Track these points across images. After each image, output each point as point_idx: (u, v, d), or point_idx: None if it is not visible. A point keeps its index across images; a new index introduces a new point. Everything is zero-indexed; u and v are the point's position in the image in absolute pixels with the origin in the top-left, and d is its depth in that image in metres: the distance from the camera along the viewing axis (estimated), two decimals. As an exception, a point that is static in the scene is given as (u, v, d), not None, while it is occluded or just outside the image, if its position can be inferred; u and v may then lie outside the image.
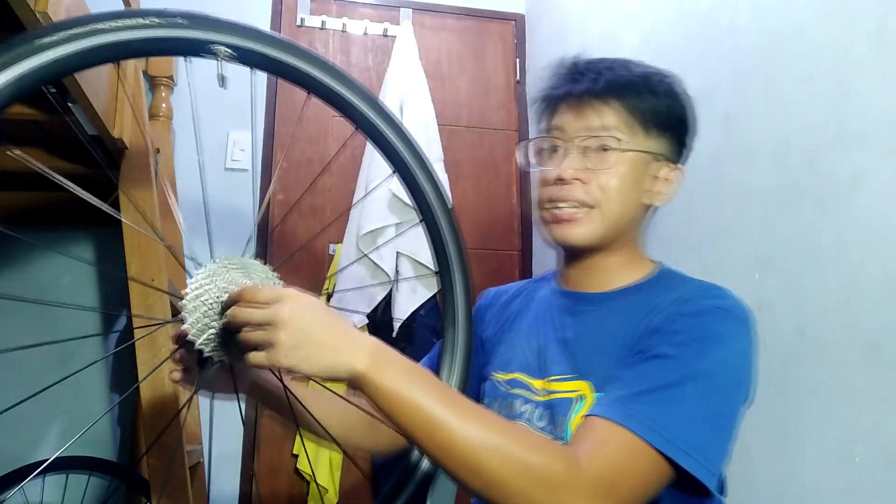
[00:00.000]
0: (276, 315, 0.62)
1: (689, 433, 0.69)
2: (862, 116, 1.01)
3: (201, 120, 2.24)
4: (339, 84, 0.73)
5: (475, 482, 0.64)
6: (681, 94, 0.88)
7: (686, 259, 1.41)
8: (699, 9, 1.46)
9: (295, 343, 0.62)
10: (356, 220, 2.12)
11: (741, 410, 0.77)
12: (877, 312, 0.95)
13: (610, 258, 0.88)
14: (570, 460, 0.65)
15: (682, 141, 0.89)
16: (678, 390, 0.71)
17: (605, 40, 1.91)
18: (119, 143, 1.48)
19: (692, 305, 0.77)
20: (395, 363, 0.65)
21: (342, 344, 0.64)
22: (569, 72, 0.88)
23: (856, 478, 0.96)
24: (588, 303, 0.88)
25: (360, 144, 2.33)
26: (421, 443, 0.64)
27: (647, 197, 0.86)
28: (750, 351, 0.77)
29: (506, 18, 2.63)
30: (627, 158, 0.84)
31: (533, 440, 0.66)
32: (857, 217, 1.00)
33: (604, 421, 0.70)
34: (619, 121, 0.83)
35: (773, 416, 1.12)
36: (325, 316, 0.65)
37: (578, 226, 0.84)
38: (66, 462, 1.91)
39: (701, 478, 0.68)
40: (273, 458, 2.10)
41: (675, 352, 0.73)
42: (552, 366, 0.86)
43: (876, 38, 0.99)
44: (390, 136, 0.76)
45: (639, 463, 0.68)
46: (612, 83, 0.83)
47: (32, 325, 2.02)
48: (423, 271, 2.13)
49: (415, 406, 0.63)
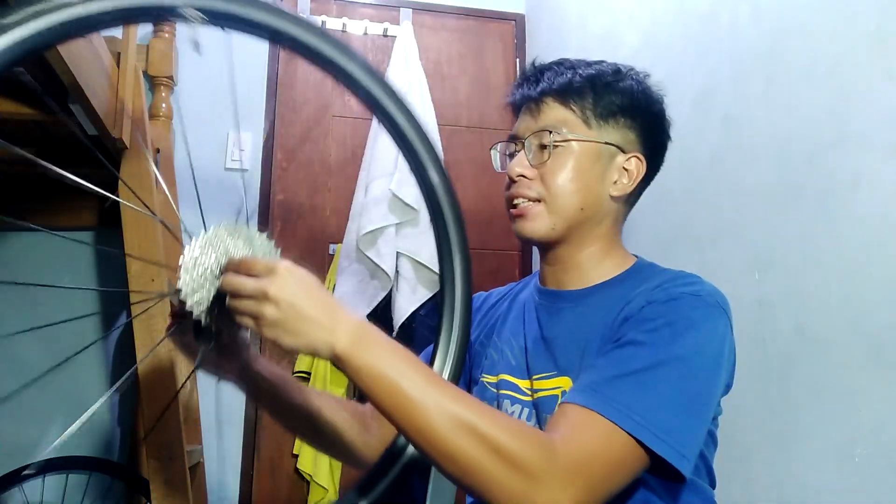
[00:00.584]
0: (265, 288, 0.64)
1: (661, 417, 0.69)
2: (862, 116, 1.01)
3: (201, 120, 2.24)
4: (307, 33, 0.71)
5: (450, 466, 0.64)
6: (634, 87, 0.90)
7: (686, 259, 1.41)
8: (699, 9, 1.46)
9: (280, 318, 0.63)
10: (356, 220, 2.12)
11: (716, 395, 0.77)
12: (877, 312, 0.96)
13: (582, 253, 0.90)
14: (545, 446, 0.65)
15: (647, 131, 0.91)
16: (650, 374, 0.71)
17: (605, 40, 1.91)
18: (119, 143, 1.48)
19: (663, 293, 0.78)
20: (376, 343, 0.66)
21: (325, 322, 0.65)
22: (520, 79, 0.94)
23: (856, 478, 0.96)
24: (566, 300, 0.90)
25: (360, 144, 2.33)
26: (398, 423, 0.65)
27: (613, 189, 0.89)
28: (724, 336, 0.78)
29: (506, 18, 2.63)
30: (570, 152, 0.87)
31: (510, 425, 0.66)
32: (857, 217, 1.00)
33: (577, 407, 0.70)
34: (556, 119, 0.88)
35: (773, 416, 1.12)
36: (313, 292, 0.66)
37: (528, 220, 0.88)
38: (66, 462, 1.91)
39: (672, 461, 0.69)
40: (273, 458, 2.10)
41: (646, 338, 0.74)
42: (535, 365, 0.88)
43: (876, 37, 0.99)
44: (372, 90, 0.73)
45: (612, 448, 0.68)
46: (549, 85, 0.89)
47: (32, 324, 2.02)
48: (423, 271, 2.13)
49: (393, 386, 0.64)
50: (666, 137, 0.94)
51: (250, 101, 2.32)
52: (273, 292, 0.63)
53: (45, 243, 2.08)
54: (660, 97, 0.92)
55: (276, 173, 2.30)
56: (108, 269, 2.09)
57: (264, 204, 2.26)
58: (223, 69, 2.28)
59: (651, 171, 0.92)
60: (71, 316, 2.05)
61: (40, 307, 2.04)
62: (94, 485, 1.93)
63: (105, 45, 1.37)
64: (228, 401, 2.09)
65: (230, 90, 2.28)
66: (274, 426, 2.11)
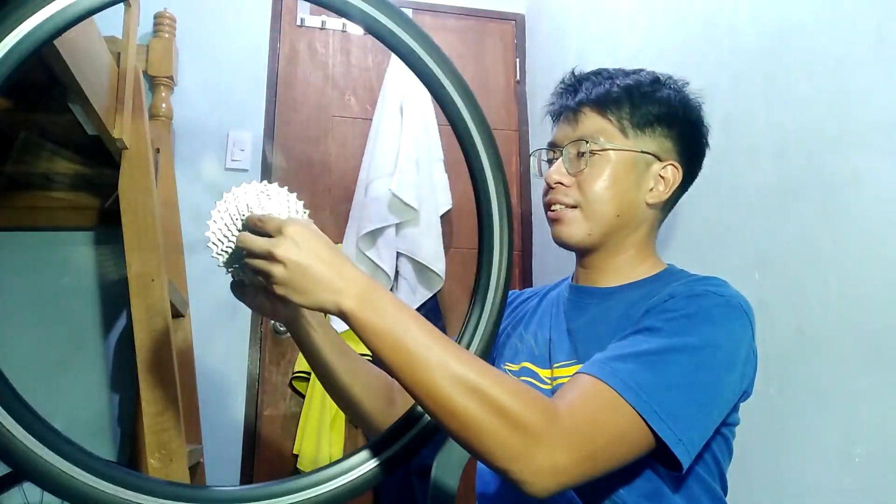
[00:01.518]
0: (274, 247, 0.66)
1: (666, 399, 0.70)
2: (862, 116, 1.01)
3: (201, 120, 2.24)
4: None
5: (452, 423, 0.64)
6: (672, 96, 0.93)
7: (686, 259, 1.41)
8: (699, 9, 1.46)
9: (288, 277, 0.66)
10: (356, 220, 2.12)
11: (727, 394, 0.77)
12: (877, 312, 0.95)
13: (618, 257, 0.93)
14: (549, 409, 0.66)
15: (684, 139, 0.93)
16: (661, 358, 0.72)
17: (605, 40, 1.91)
18: (119, 143, 1.48)
19: (686, 288, 0.80)
20: (382, 301, 0.67)
21: (333, 281, 0.66)
22: (560, 88, 0.98)
23: (856, 478, 0.96)
24: (594, 296, 0.93)
25: (360, 144, 2.33)
26: (402, 379, 0.66)
27: (649, 196, 0.91)
28: (742, 338, 0.78)
29: (506, 18, 2.63)
30: (607, 160, 0.90)
31: (514, 386, 0.66)
32: (857, 217, 1.00)
33: (587, 377, 0.72)
34: (594, 128, 0.91)
35: (773, 416, 1.12)
36: (322, 252, 0.67)
37: (565, 225, 0.92)
38: (66, 462, 1.90)
39: (670, 444, 0.69)
40: (273, 458, 2.10)
41: (663, 325, 0.76)
42: (557, 354, 0.91)
43: (876, 37, 0.99)
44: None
45: (616, 419, 0.69)
46: (587, 95, 0.92)
47: (33, 324, 2.02)
48: (423, 271, 2.13)
49: (398, 342, 0.65)
50: (703, 145, 0.97)
51: (250, 101, 2.32)
52: (280, 253, 0.66)
53: (45, 243, 2.08)
54: (698, 105, 0.95)
55: (276, 173, 2.30)
56: (108, 266, 2.09)
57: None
58: (223, 69, 2.28)
59: (688, 179, 0.95)
60: (71, 316, 2.05)
61: (40, 307, 2.04)
62: (94, 485, 1.93)
63: (105, 45, 1.37)
64: (228, 401, 2.09)
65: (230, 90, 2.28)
66: (274, 426, 2.11)
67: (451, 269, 2.27)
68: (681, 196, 0.97)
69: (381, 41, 0.74)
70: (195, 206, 2.14)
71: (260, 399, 2.13)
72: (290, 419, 2.13)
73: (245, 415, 2.10)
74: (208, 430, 2.00)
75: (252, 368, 2.13)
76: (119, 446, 2.00)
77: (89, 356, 2.04)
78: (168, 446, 1.33)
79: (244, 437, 2.08)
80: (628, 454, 0.70)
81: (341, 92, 2.43)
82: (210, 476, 1.95)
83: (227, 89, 2.28)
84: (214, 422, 2.04)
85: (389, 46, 0.75)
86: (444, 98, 0.76)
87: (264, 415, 2.12)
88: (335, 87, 2.43)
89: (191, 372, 1.97)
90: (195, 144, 2.22)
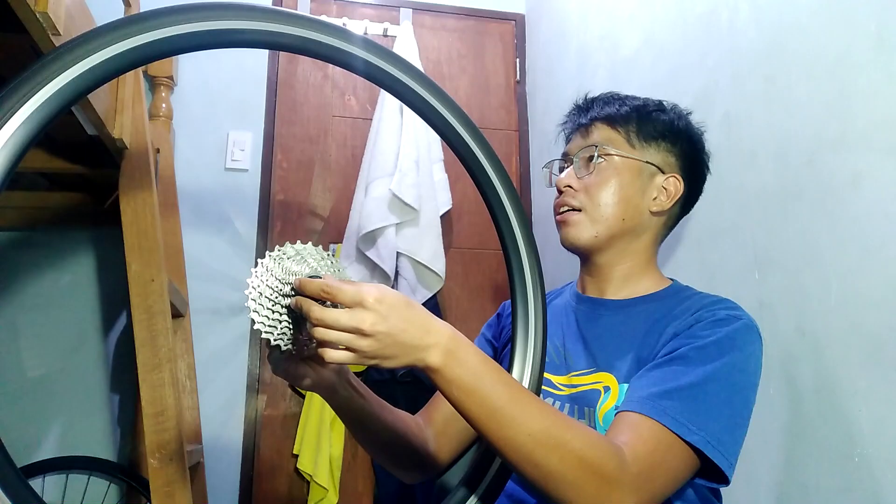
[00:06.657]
0: (361, 323, 0.64)
1: (714, 428, 0.76)
2: (862, 116, 1.01)
3: (201, 120, 2.24)
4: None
5: (534, 473, 0.68)
6: (675, 118, 1.01)
7: (686, 259, 1.41)
8: (699, 9, 1.46)
9: (379, 348, 0.65)
10: (356, 220, 2.12)
11: (752, 410, 0.83)
12: (877, 312, 0.95)
13: (621, 266, 0.98)
14: (618, 454, 0.70)
15: (687, 157, 1.00)
16: (701, 389, 0.78)
17: (605, 40, 1.91)
18: (119, 143, 1.48)
19: (709, 313, 0.86)
20: (466, 356, 0.68)
21: (419, 341, 0.66)
22: (574, 108, 1.07)
23: (856, 478, 0.96)
24: (606, 307, 0.98)
25: (360, 144, 2.33)
26: (486, 433, 0.68)
27: (653, 205, 0.97)
28: (759, 358, 0.86)
29: (506, 18, 2.63)
30: (613, 166, 0.97)
31: (587, 434, 0.71)
32: (857, 217, 1.00)
33: (638, 416, 0.76)
34: (603, 138, 0.98)
35: (772, 416, 1.12)
36: (405, 313, 0.66)
37: (572, 227, 0.98)
38: (66, 462, 1.91)
39: (724, 469, 0.75)
40: (273, 458, 2.10)
41: (696, 355, 0.81)
42: (574, 362, 0.95)
43: (876, 38, 0.99)
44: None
45: (672, 457, 0.74)
46: (598, 112, 1.00)
47: (33, 324, 2.02)
48: (423, 271, 2.13)
49: (483, 399, 0.67)
50: (704, 167, 1.04)
51: (250, 101, 2.32)
52: (369, 328, 0.64)
53: (45, 243, 2.08)
54: (700, 132, 1.03)
55: (277, 173, 2.31)
56: (108, 269, 2.09)
57: (264, 204, 2.26)
58: (223, 69, 2.28)
59: (689, 197, 1.02)
60: (71, 316, 2.05)
61: (40, 307, 2.04)
62: (94, 485, 1.93)
63: (105, 45, 1.36)
64: (228, 401, 2.09)
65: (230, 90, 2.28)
66: (274, 426, 2.11)
67: (450, 269, 2.27)
68: (682, 215, 1.02)
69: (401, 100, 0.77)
70: (195, 206, 2.15)
71: (260, 399, 2.13)
72: (290, 419, 2.13)
73: (245, 415, 2.10)
74: (208, 430, 2.01)
75: (252, 368, 2.13)
76: (119, 446, 2.00)
77: (89, 356, 2.04)
78: (168, 446, 1.33)
79: (244, 437, 2.08)
80: (681, 484, 0.77)
81: (341, 92, 2.43)
82: (210, 476, 1.96)
83: (227, 89, 2.28)
84: (214, 422, 2.04)
85: (412, 107, 0.78)
86: (470, 162, 0.82)
87: (264, 415, 2.12)
88: (335, 87, 2.43)
89: (191, 372, 1.97)
90: (195, 144, 2.22)
